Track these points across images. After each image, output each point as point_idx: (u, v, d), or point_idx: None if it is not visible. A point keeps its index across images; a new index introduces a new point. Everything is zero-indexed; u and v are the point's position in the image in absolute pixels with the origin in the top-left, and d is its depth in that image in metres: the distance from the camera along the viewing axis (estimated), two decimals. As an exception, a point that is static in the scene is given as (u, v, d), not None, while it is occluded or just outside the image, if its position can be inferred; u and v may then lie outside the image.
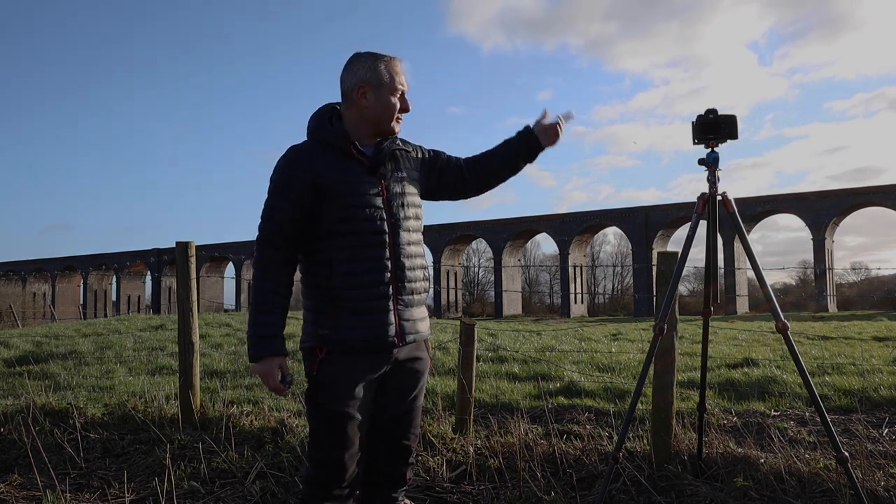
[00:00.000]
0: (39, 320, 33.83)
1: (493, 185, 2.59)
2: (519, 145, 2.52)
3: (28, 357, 8.68)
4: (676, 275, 2.84)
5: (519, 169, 2.57)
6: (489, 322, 22.89)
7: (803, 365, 2.62)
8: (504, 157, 2.53)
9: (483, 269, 62.23)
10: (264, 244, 2.21)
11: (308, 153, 2.23)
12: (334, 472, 2.19)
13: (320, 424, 2.21)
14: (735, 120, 2.67)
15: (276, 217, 2.20)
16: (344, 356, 2.18)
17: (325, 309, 2.19)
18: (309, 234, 2.22)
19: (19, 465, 3.82)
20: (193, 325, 4.36)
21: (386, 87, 2.24)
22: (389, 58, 2.27)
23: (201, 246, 53.03)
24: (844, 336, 11.24)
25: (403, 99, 2.30)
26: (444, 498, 3.22)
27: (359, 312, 2.16)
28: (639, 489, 3.07)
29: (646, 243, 43.00)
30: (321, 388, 2.19)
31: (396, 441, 2.32)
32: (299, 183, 2.17)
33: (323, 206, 2.18)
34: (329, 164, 2.20)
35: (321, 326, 2.19)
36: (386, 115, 2.26)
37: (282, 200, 2.20)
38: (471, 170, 2.53)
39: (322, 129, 2.26)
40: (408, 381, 2.32)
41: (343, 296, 2.16)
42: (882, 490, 2.89)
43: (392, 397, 2.29)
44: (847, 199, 38.57)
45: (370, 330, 2.17)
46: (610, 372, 6.84)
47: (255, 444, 3.87)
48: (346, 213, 2.17)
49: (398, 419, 2.32)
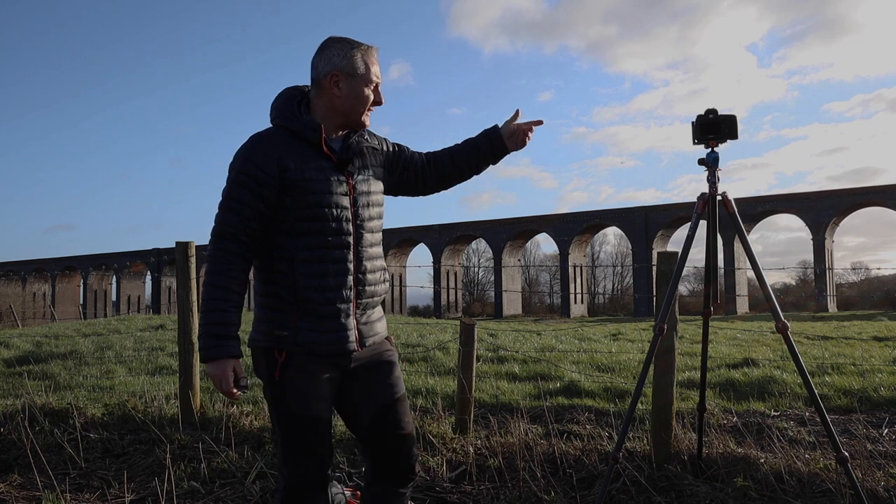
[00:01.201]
0: (39, 320, 33.81)
1: (453, 185, 2.50)
2: (484, 147, 2.42)
3: (28, 357, 8.68)
4: (676, 275, 2.84)
5: (481, 171, 2.48)
6: (489, 322, 22.89)
7: (803, 365, 2.62)
8: (468, 157, 2.43)
9: (483, 269, 62.28)
10: (223, 238, 2.08)
11: (275, 142, 2.10)
12: (312, 471, 2.15)
13: (290, 430, 2.12)
14: (735, 120, 2.67)
15: (237, 209, 2.06)
16: (305, 359, 2.10)
17: (286, 309, 2.09)
18: (269, 228, 2.12)
19: (19, 465, 3.82)
20: (193, 325, 4.36)
21: (360, 78, 2.13)
22: (366, 47, 2.16)
23: (201, 246, 52.63)
24: (844, 336, 11.24)
25: (377, 91, 2.19)
26: (444, 498, 3.22)
27: (322, 316, 2.09)
28: (639, 489, 3.07)
29: (646, 243, 42.99)
30: (286, 394, 2.10)
31: (392, 433, 2.25)
32: (264, 175, 2.05)
33: (287, 200, 2.07)
34: (296, 156, 2.08)
35: (279, 327, 2.09)
36: (357, 107, 2.15)
37: (244, 192, 2.06)
38: (431, 168, 2.43)
39: (291, 117, 2.13)
40: (377, 374, 2.24)
41: (307, 297, 2.07)
42: (882, 490, 2.89)
43: (365, 395, 2.22)
44: (847, 199, 38.57)
45: (332, 335, 2.10)
46: (610, 372, 6.84)
47: (255, 444, 3.87)
48: (311, 210, 2.07)
49: (382, 415, 2.23)
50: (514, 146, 2.41)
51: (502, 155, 2.43)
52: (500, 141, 2.40)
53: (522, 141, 2.41)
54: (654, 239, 42.99)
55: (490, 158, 2.44)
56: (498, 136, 2.40)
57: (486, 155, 2.42)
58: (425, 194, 2.50)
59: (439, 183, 2.47)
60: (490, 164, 2.46)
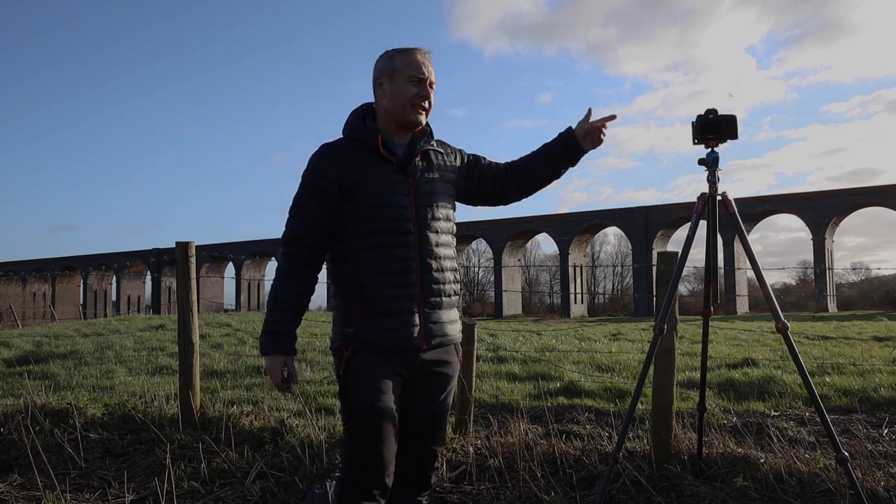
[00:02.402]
0: (39, 320, 33.81)
1: (534, 192, 2.51)
2: (560, 151, 2.41)
3: (28, 357, 8.68)
4: (676, 275, 2.84)
5: (560, 175, 2.47)
6: (489, 322, 22.89)
7: (803, 365, 2.62)
8: (545, 163, 2.43)
9: (483, 269, 62.27)
10: (292, 243, 2.20)
11: (338, 150, 2.22)
12: (373, 469, 2.14)
13: (353, 422, 2.18)
14: (735, 120, 2.66)
15: (304, 215, 2.19)
16: (369, 354, 2.16)
17: (352, 308, 2.17)
18: (336, 232, 2.22)
19: (19, 465, 3.82)
20: (193, 325, 4.36)
21: (399, 74, 2.21)
22: (409, 48, 2.25)
23: (201, 246, 53.02)
24: (844, 336, 11.25)
25: (423, 86, 2.23)
26: (444, 498, 3.22)
27: (384, 313, 2.14)
28: (639, 489, 3.07)
29: (646, 243, 42.98)
30: (349, 386, 2.17)
31: (424, 445, 2.29)
32: (327, 181, 2.17)
33: (349, 204, 2.17)
34: (357, 161, 2.19)
35: (347, 326, 2.18)
36: (400, 103, 2.21)
37: (310, 199, 2.19)
38: (510, 178, 2.45)
39: (354, 126, 2.26)
40: (436, 384, 2.27)
41: (370, 295, 2.14)
42: (882, 490, 2.89)
43: (420, 400, 2.25)
44: (847, 199, 38.56)
45: (395, 331, 2.15)
46: (610, 372, 6.84)
47: (255, 444, 3.87)
48: (371, 211, 2.15)
49: (426, 422, 2.28)
50: (589, 145, 2.41)
51: (580, 156, 2.43)
52: (575, 142, 2.40)
53: (598, 138, 2.41)
54: (654, 239, 42.98)
55: (567, 161, 2.45)
56: (573, 137, 2.40)
57: (562, 159, 2.43)
58: (505, 203, 2.54)
59: (518, 192, 2.50)
60: (569, 166, 2.47)
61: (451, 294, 2.27)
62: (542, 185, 2.50)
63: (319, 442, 3.69)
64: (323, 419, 4.23)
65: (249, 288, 56.52)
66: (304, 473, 3.45)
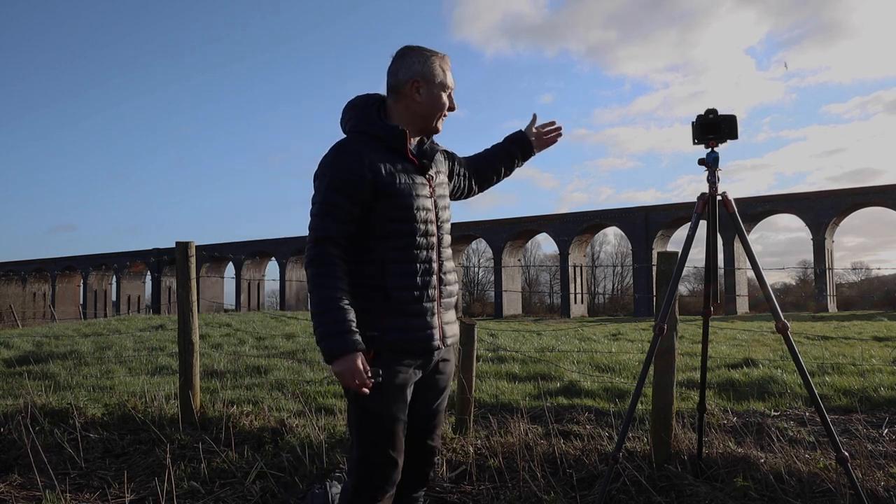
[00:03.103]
0: (39, 320, 33.81)
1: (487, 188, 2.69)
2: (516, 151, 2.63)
3: (28, 357, 8.68)
4: (676, 275, 2.84)
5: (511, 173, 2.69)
6: (489, 322, 22.89)
7: (803, 365, 2.62)
8: (501, 162, 2.62)
9: (483, 269, 62.26)
10: (324, 242, 2.10)
11: (364, 149, 2.14)
12: (383, 471, 2.15)
13: (365, 425, 2.15)
14: (735, 120, 2.66)
15: (335, 214, 2.10)
16: (392, 358, 2.13)
17: (374, 310, 2.12)
18: (363, 232, 2.16)
19: (19, 465, 3.82)
20: (193, 325, 4.36)
21: (439, 84, 2.22)
22: (442, 55, 2.25)
23: (201, 246, 53.03)
24: (844, 336, 11.25)
25: (451, 98, 2.28)
26: (444, 498, 3.22)
27: (411, 315, 2.14)
28: (639, 489, 3.07)
29: (646, 243, 42.97)
30: (370, 391, 2.11)
31: (423, 442, 2.31)
32: (358, 179, 2.09)
33: (379, 204, 2.13)
34: (385, 161, 2.14)
35: (369, 328, 2.10)
36: (434, 113, 2.23)
37: (341, 197, 2.10)
38: (476, 174, 2.59)
39: (373, 123, 2.19)
40: (438, 383, 2.30)
41: (397, 297, 2.12)
42: (882, 490, 2.88)
43: (422, 399, 2.27)
44: (847, 199, 38.55)
45: (420, 332, 2.15)
46: (610, 372, 6.84)
47: (255, 444, 3.87)
48: (401, 213, 2.14)
49: (427, 421, 2.30)
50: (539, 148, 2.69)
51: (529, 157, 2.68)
52: (528, 144, 2.65)
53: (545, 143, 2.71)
54: (654, 239, 42.98)
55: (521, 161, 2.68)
56: (527, 140, 2.65)
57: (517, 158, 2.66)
58: (468, 197, 2.66)
59: (480, 187, 2.66)
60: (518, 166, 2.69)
61: (455, 294, 2.32)
62: (496, 181, 2.67)
63: (319, 442, 3.69)
64: (323, 419, 4.24)
65: (249, 288, 56.51)
66: (304, 473, 3.45)
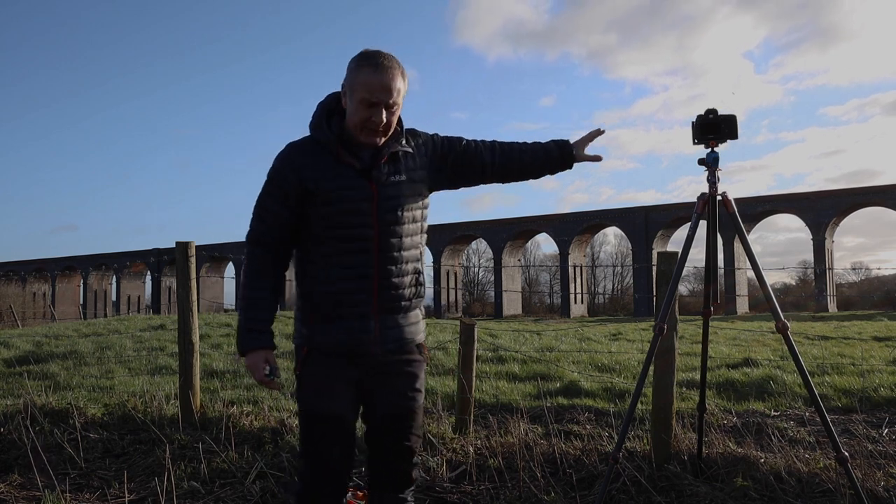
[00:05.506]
0: (39, 320, 33.79)
1: (512, 181, 2.50)
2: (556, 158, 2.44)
3: (28, 357, 8.67)
4: (676, 275, 2.84)
5: (542, 176, 2.50)
6: (489, 322, 22.89)
7: (803, 365, 2.62)
8: (536, 159, 2.43)
9: (483, 269, 62.26)
10: (254, 244, 2.19)
11: (301, 152, 2.15)
12: (321, 469, 2.17)
13: (304, 422, 2.22)
14: (735, 120, 2.66)
15: (264, 217, 2.17)
16: (318, 358, 2.18)
17: (307, 309, 2.19)
18: (299, 236, 2.20)
19: (19, 465, 3.81)
20: (193, 325, 4.36)
21: (356, 93, 2.09)
22: (373, 62, 2.08)
23: (201, 246, 53.04)
24: (844, 336, 11.25)
25: (377, 111, 2.08)
26: (444, 498, 3.21)
27: (328, 319, 2.16)
28: (639, 489, 3.07)
29: (646, 243, 42.98)
30: (302, 387, 2.21)
31: (397, 441, 2.27)
32: (287, 184, 2.12)
33: (310, 209, 2.13)
34: (319, 165, 2.12)
35: (304, 326, 2.21)
36: (353, 122, 2.11)
37: (271, 200, 2.16)
38: (497, 163, 2.39)
39: (317, 126, 2.17)
40: (398, 382, 2.24)
41: (320, 301, 2.15)
42: (882, 490, 2.89)
43: (383, 400, 2.24)
44: (846, 199, 38.56)
45: (343, 335, 2.16)
46: (610, 372, 6.84)
47: (255, 444, 3.87)
48: (331, 218, 2.11)
49: (391, 421, 2.25)
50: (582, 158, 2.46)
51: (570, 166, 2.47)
52: (570, 155, 2.45)
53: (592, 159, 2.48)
54: (654, 239, 42.98)
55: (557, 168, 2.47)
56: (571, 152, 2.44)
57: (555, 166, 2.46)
58: (486, 183, 2.48)
59: (500, 179, 2.47)
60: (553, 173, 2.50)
61: (412, 297, 2.24)
62: (524, 179, 2.49)
63: (319, 442, 3.69)
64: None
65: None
66: (304, 473, 3.45)
